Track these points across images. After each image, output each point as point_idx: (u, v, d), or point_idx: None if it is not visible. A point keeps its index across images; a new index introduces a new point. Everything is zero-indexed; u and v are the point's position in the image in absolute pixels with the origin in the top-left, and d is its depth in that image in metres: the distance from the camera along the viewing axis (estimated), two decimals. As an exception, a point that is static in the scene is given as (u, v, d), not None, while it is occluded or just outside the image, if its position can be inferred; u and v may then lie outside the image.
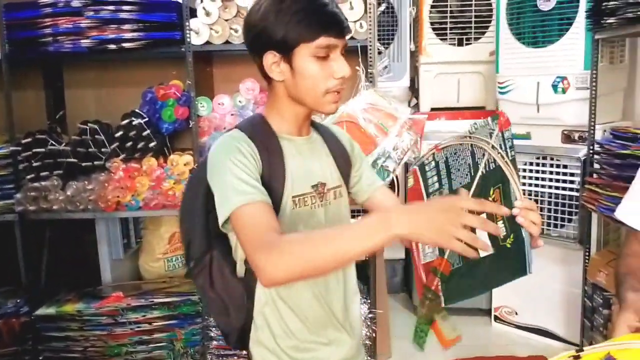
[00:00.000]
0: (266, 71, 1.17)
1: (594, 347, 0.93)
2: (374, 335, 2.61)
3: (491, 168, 1.08)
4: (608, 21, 2.17)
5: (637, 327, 1.10)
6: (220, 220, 1.09)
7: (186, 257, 1.31)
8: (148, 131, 2.50)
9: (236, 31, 2.44)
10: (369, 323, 2.59)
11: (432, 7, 3.26)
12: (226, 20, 2.45)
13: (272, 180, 1.15)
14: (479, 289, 1.15)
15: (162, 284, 2.85)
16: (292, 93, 1.19)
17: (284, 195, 1.17)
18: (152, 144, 2.52)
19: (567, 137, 2.68)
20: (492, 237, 1.04)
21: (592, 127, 2.49)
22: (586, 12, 2.39)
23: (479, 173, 1.09)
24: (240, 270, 1.24)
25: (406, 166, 3.29)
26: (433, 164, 1.20)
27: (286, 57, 1.14)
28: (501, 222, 1.04)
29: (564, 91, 2.61)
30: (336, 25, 1.13)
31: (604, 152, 2.40)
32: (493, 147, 1.07)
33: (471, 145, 1.11)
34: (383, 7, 3.30)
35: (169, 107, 2.52)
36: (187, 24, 2.43)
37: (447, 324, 1.24)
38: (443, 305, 1.15)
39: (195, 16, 2.45)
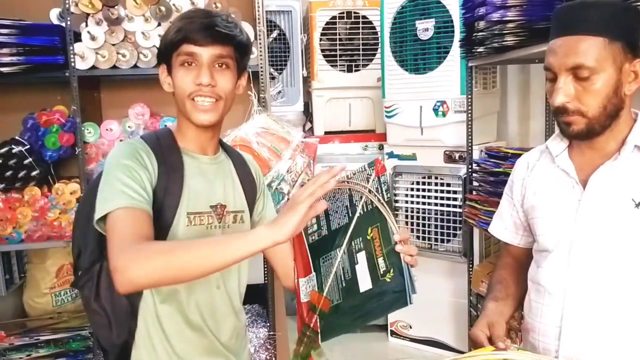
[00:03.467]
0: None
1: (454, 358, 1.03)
2: (274, 358, 2.61)
3: (369, 209, 1.17)
4: (478, 50, 2.35)
5: (487, 335, 1.17)
6: (96, 217, 1.08)
7: (74, 267, 1.28)
8: (30, 159, 2.38)
9: (124, 56, 2.40)
10: (268, 346, 2.59)
11: (322, 34, 3.38)
12: (113, 44, 2.41)
13: (167, 195, 1.16)
14: (357, 323, 1.17)
15: (48, 321, 2.69)
16: (177, 106, 1.23)
17: (178, 211, 1.17)
18: (34, 173, 2.40)
19: (449, 157, 2.86)
20: (373, 273, 1.12)
21: (469, 148, 2.68)
22: (460, 41, 2.59)
23: (357, 214, 1.17)
24: None
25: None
26: None
27: (168, 69, 1.22)
28: (382, 258, 1.12)
29: (444, 114, 2.80)
30: (199, 34, 1.16)
31: (480, 170, 2.59)
32: (370, 190, 1.16)
33: (349, 189, 1.20)
34: (275, 33, 3.38)
35: (53, 133, 2.42)
36: (70, 48, 2.36)
37: None
38: (320, 342, 1.19)
39: (80, 40, 2.39)
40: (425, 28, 2.78)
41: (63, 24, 2.40)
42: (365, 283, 1.13)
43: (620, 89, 1.15)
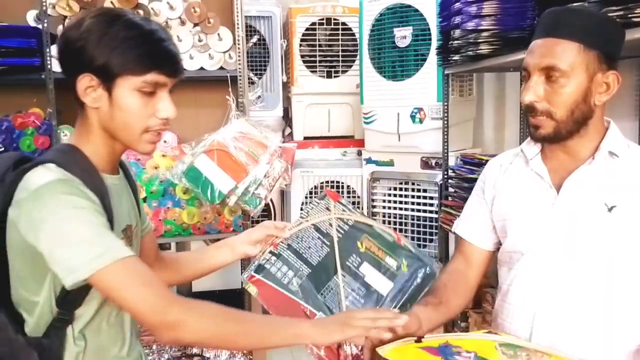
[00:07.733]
0: (78, 95, 1.07)
1: (434, 335, 1.07)
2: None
3: (345, 230, 1.29)
4: (454, 58, 2.39)
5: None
6: (72, 281, 0.95)
7: None
8: (4, 161, 2.36)
9: (101, 59, 2.40)
10: (245, 351, 2.58)
11: (302, 40, 3.40)
12: (91, 47, 2.40)
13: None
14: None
15: None
16: (105, 124, 1.08)
17: None
18: (8, 175, 2.38)
19: (426, 164, 2.90)
20: (387, 274, 1.26)
21: (445, 154, 2.71)
22: (436, 49, 2.62)
23: (335, 239, 1.27)
24: (36, 328, 1.05)
25: (282, 196, 3.37)
26: (274, 258, 1.26)
27: (106, 84, 1.05)
28: (388, 257, 1.26)
29: (420, 121, 2.83)
30: (170, 64, 1.08)
31: (456, 176, 2.62)
32: (340, 213, 1.31)
33: (312, 224, 1.30)
34: (255, 39, 3.39)
35: (28, 136, 2.40)
36: (47, 50, 2.35)
37: None
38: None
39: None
40: (403, 36, 2.82)
41: (40, 26, 2.39)
42: (384, 286, 1.24)
43: (590, 98, 1.18)
